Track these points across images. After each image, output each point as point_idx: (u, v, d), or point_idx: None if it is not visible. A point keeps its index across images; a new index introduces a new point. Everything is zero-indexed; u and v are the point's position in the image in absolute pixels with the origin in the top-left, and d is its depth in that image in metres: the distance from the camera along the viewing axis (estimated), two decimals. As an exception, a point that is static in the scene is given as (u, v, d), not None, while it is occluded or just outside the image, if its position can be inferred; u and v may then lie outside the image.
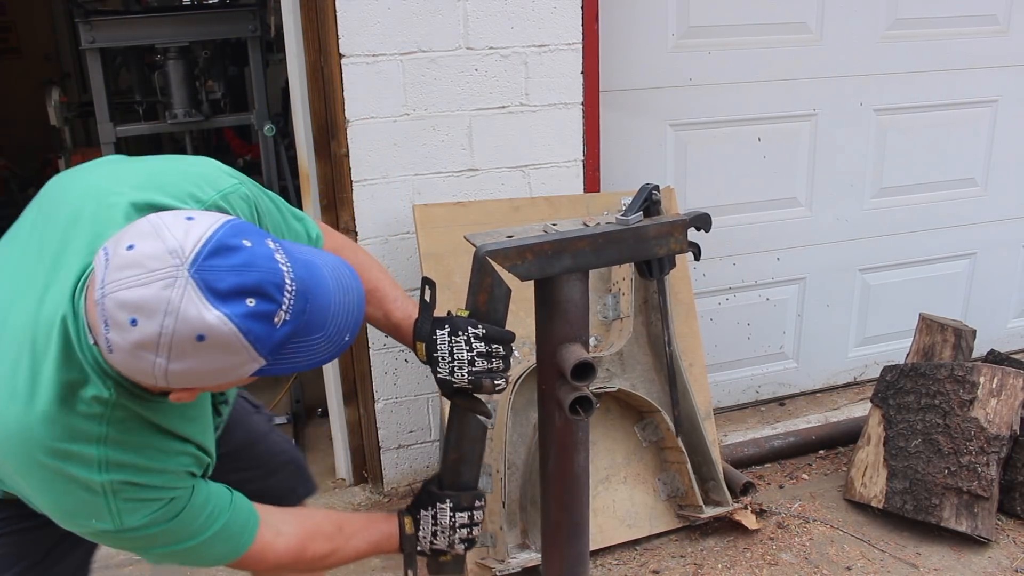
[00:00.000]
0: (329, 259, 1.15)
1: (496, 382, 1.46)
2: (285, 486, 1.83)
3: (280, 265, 1.04)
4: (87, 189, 1.22)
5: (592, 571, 2.48)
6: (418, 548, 1.56)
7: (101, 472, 1.15)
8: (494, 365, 1.46)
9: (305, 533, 1.46)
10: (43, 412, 1.12)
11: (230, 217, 1.08)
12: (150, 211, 1.13)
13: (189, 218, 1.04)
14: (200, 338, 0.99)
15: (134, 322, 0.98)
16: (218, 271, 0.99)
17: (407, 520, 1.56)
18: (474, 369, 1.45)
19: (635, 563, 2.56)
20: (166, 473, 1.22)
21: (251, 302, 1.00)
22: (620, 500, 2.60)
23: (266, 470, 1.79)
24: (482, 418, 1.56)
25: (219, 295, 0.99)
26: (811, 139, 3.14)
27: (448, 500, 1.56)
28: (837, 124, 3.14)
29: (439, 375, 1.48)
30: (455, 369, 1.46)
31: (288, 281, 1.04)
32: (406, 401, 2.81)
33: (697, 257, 1.71)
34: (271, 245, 1.06)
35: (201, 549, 1.31)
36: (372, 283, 1.56)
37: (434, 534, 1.55)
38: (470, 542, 1.59)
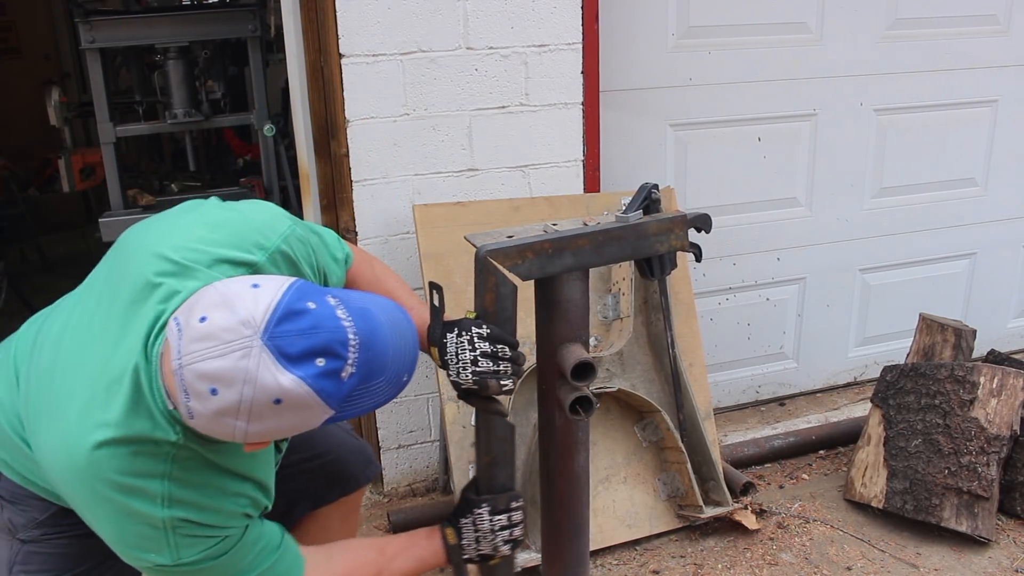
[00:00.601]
0: (382, 304, 1.22)
1: (502, 383, 1.46)
2: (350, 470, 1.86)
3: (343, 322, 1.11)
4: (157, 244, 1.28)
5: (592, 571, 2.48)
6: (464, 556, 1.59)
7: (163, 508, 1.21)
8: (501, 367, 1.46)
9: (347, 566, 1.50)
10: (111, 449, 1.19)
11: (292, 280, 1.14)
12: (219, 265, 1.23)
13: (255, 285, 1.11)
14: (277, 401, 1.06)
15: (214, 391, 1.05)
16: (288, 336, 1.06)
17: (449, 531, 1.59)
18: (478, 369, 1.46)
19: (635, 563, 2.55)
20: (223, 512, 1.28)
21: (321, 362, 1.07)
22: (620, 500, 2.60)
23: (330, 456, 1.81)
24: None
25: (291, 359, 1.06)
26: (811, 139, 3.14)
27: (485, 505, 1.58)
28: (837, 124, 3.14)
29: (450, 377, 1.50)
30: (460, 370, 1.46)
31: (352, 336, 1.11)
32: (406, 401, 2.81)
33: (698, 259, 1.71)
34: (332, 302, 1.12)
35: None
36: (390, 292, 1.62)
37: (477, 540, 1.58)
38: (514, 542, 1.62)
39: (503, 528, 1.59)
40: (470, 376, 1.46)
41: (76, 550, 1.46)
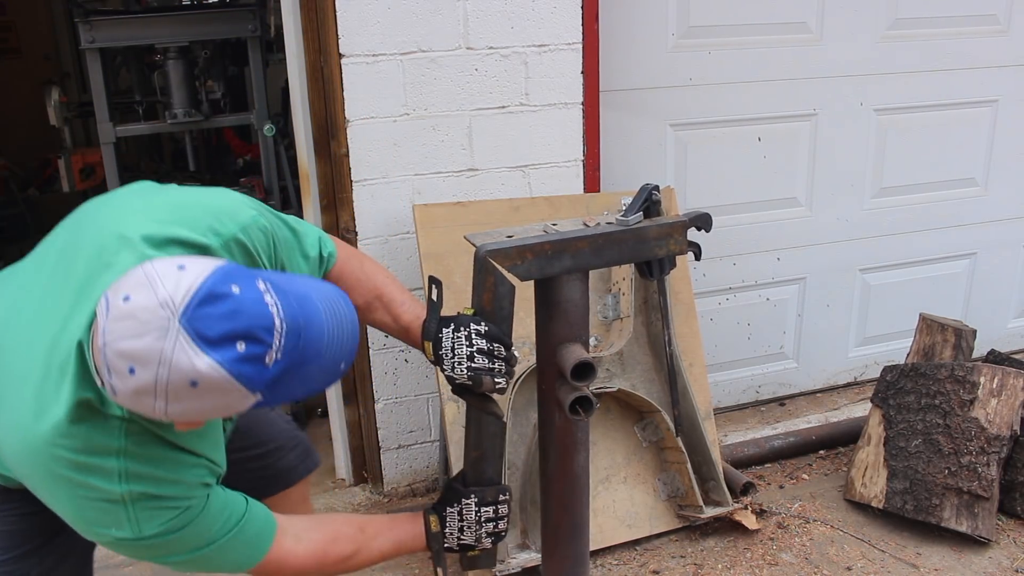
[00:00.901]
0: (324, 289, 1.19)
1: (496, 380, 1.47)
2: (287, 463, 1.85)
3: (269, 307, 1.08)
4: (113, 221, 1.27)
5: (592, 571, 2.48)
6: (445, 544, 1.59)
7: (121, 483, 1.21)
8: (496, 365, 1.47)
9: (325, 537, 1.49)
10: (64, 428, 1.19)
11: (219, 263, 1.12)
12: (170, 246, 1.22)
13: (180, 267, 1.09)
14: (193, 384, 1.05)
15: (132, 371, 1.05)
16: (208, 319, 1.05)
17: (432, 518, 1.59)
18: (473, 365, 1.46)
19: (635, 563, 2.55)
20: (181, 483, 1.28)
21: (241, 346, 1.05)
22: (620, 500, 2.60)
23: (267, 448, 1.81)
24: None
25: (209, 342, 1.04)
26: (811, 139, 3.14)
27: (473, 495, 1.59)
28: (837, 124, 3.14)
29: (444, 372, 1.51)
30: (455, 365, 1.47)
31: (278, 322, 1.08)
32: (406, 401, 2.81)
33: (698, 257, 1.71)
34: (261, 287, 1.10)
35: (218, 555, 1.35)
36: (379, 289, 1.60)
37: (461, 530, 1.59)
38: (497, 535, 1.63)
39: (488, 520, 1.60)
40: (465, 372, 1.47)
41: (24, 526, 1.45)
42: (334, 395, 2.84)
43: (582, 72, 2.68)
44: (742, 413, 3.34)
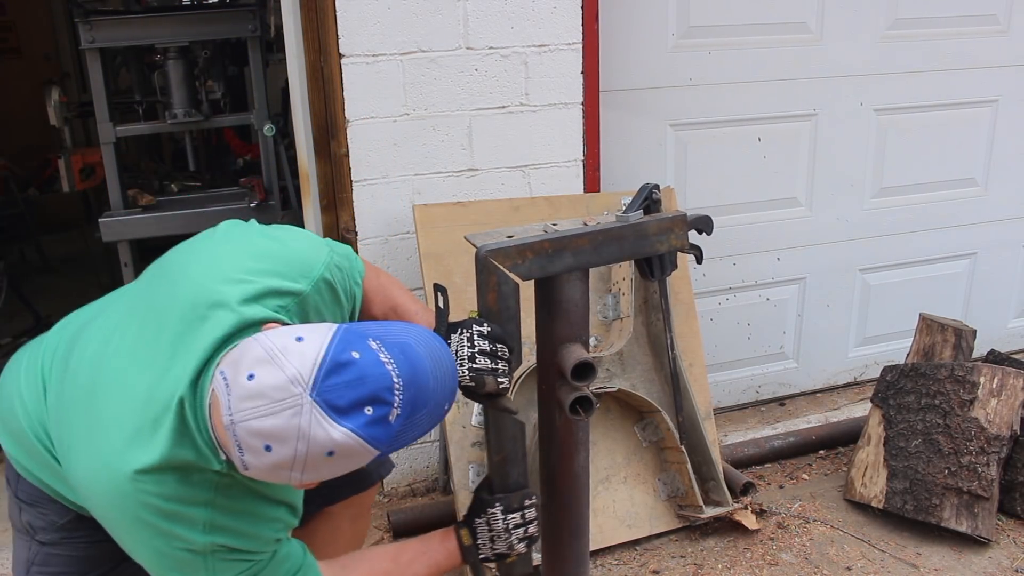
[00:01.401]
0: (420, 335, 1.24)
1: (499, 380, 1.47)
2: (363, 469, 1.86)
3: (387, 367, 1.13)
4: (203, 273, 1.31)
5: (592, 571, 2.48)
6: (480, 556, 1.61)
7: (204, 534, 1.24)
8: (499, 366, 1.47)
9: (363, 574, 1.52)
10: (156, 476, 1.21)
11: (334, 329, 1.15)
12: (265, 298, 1.26)
13: (299, 338, 1.12)
14: (330, 454, 1.09)
15: (268, 448, 1.08)
16: (337, 389, 1.09)
17: (463, 532, 1.61)
18: (474, 366, 1.46)
19: (635, 563, 2.55)
20: (261, 538, 1.31)
21: (369, 410, 1.10)
22: (620, 500, 2.60)
23: None
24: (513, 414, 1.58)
25: (341, 412, 1.08)
26: (811, 139, 3.14)
27: (498, 504, 1.60)
28: (837, 124, 3.14)
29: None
30: (458, 367, 1.47)
31: (396, 380, 1.13)
32: (406, 401, 2.80)
33: (699, 261, 1.71)
34: (374, 346, 1.14)
35: None
36: (394, 300, 1.64)
37: (492, 540, 1.60)
38: (530, 540, 1.63)
39: (517, 526, 1.60)
40: (467, 373, 1.47)
41: (94, 553, 1.48)
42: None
43: (582, 72, 2.68)
44: (742, 413, 3.34)
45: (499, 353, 1.47)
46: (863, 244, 3.33)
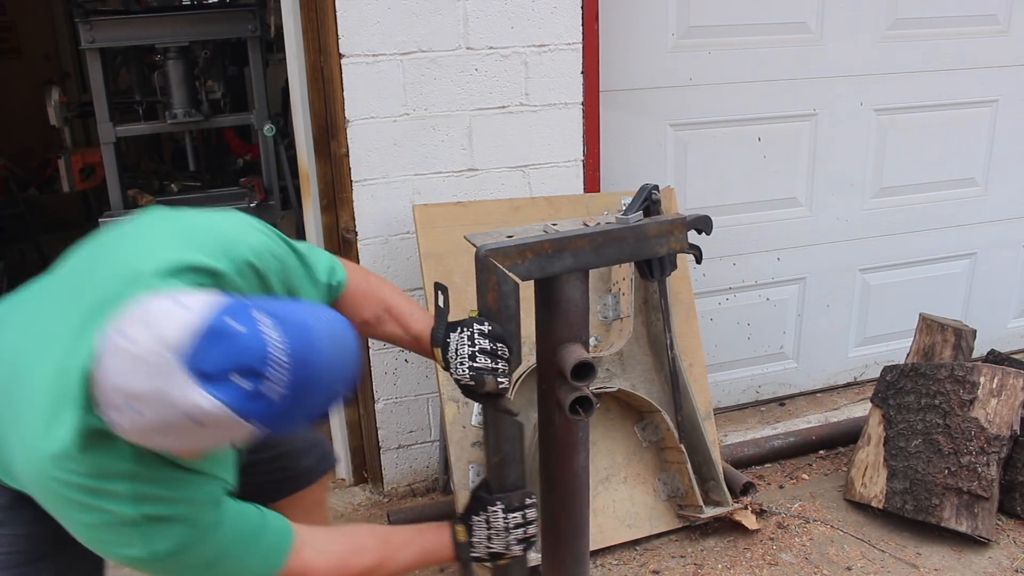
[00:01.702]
0: (326, 316, 1.19)
1: (499, 380, 1.46)
2: (304, 465, 1.84)
3: (269, 341, 1.07)
4: (127, 250, 1.29)
5: (592, 571, 2.48)
6: (474, 554, 1.58)
7: (132, 505, 1.21)
8: (499, 365, 1.46)
9: (347, 549, 1.48)
10: (72, 454, 1.19)
11: (221, 300, 1.11)
12: (183, 273, 1.23)
13: (180, 304, 1.08)
14: (199, 422, 1.05)
15: (134, 409, 1.05)
16: (208, 357, 1.04)
17: (459, 529, 1.58)
18: (475, 365, 1.46)
19: (635, 563, 2.55)
20: (192, 502, 1.28)
21: (242, 382, 1.05)
22: (620, 500, 2.60)
23: (283, 449, 1.80)
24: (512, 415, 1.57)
25: (210, 379, 1.04)
26: (811, 139, 3.14)
27: (499, 503, 1.58)
28: (837, 124, 3.14)
29: (452, 375, 1.50)
30: (458, 365, 1.47)
31: (281, 357, 1.07)
32: (406, 401, 2.81)
33: (699, 261, 1.71)
34: (261, 320, 1.09)
35: (236, 567, 1.35)
36: (387, 302, 1.61)
37: (489, 538, 1.57)
38: (527, 541, 1.61)
39: (517, 526, 1.58)
40: (467, 372, 1.47)
41: (38, 530, 1.44)
42: (334, 395, 2.84)
43: (582, 72, 2.68)
44: (742, 413, 3.34)
45: (499, 352, 1.47)
46: (863, 244, 3.33)
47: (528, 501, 1.60)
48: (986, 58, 3.25)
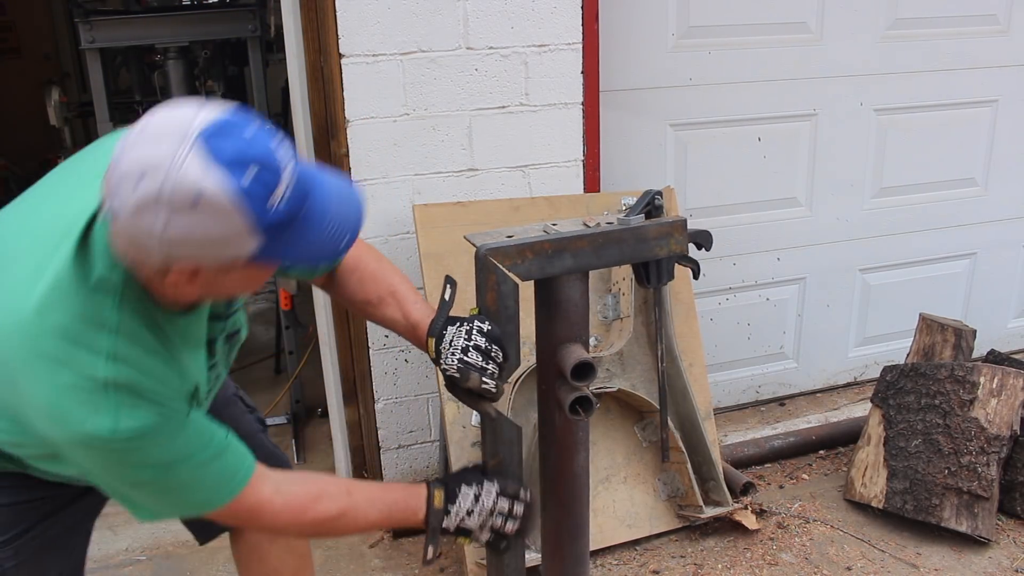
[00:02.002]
0: (331, 172, 1.23)
1: (484, 380, 1.45)
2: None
3: (282, 153, 1.11)
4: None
5: (592, 571, 2.48)
6: (443, 524, 1.48)
7: (108, 363, 1.16)
8: (489, 366, 1.45)
9: (308, 493, 1.39)
10: (56, 296, 1.15)
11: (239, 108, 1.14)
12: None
13: (204, 105, 1.11)
14: (197, 199, 1.04)
15: (138, 181, 1.04)
16: (224, 141, 1.06)
17: (437, 493, 1.48)
18: (465, 359, 1.44)
19: (635, 563, 2.56)
20: (168, 384, 1.23)
21: (250, 174, 1.06)
22: (620, 500, 2.60)
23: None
24: (497, 416, 1.55)
25: (221, 162, 1.05)
26: (811, 139, 3.14)
27: (496, 483, 1.51)
28: (837, 124, 3.14)
29: (441, 366, 1.48)
30: (449, 355, 1.46)
31: (288, 167, 1.10)
32: (406, 401, 2.81)
33: (696, 276, 1.70)
34: (276, 138, 1.12)
35: (190, 478, 1.26)
36: (393, 286, 1.60)
37: (469, 512, 1.48)
38: (499, 536, 1.52)
39: (501, 514, 1.50)
40: (455, 363, 1.45)
41: (10, 515, 1.41)
42: (334, 395, 2.85)
43: (582, 72, 2.68)
44: (742, 413, 3.34)
45: (493, 354, 1.46)
46: (863, 244, 3.33)
47: (522, 494, 1.53)
48: (986, 58, 3.25)
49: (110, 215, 1.08)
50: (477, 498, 1.50)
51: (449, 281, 1.51)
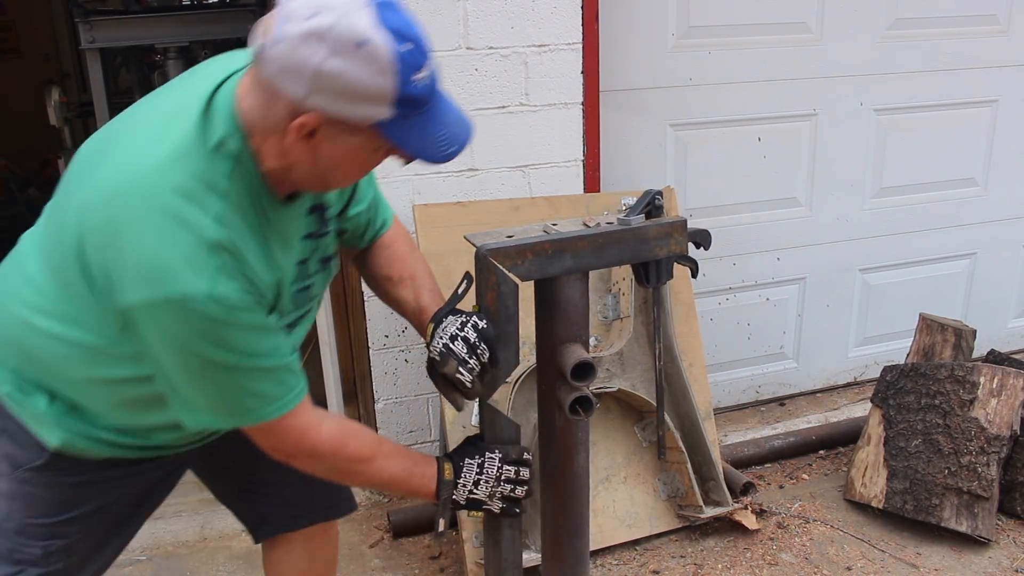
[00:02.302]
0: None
1: (460, 371, 1.45)
2: (319, 497, 1.79)
3: (430, 46, 1.20)
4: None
5: (592, 571, 2.48)
6: (453, 496, 1.51)
7: (216, 225, 1.19)
8: (470, 360, 1.45)
9: (347, 431, 1.43)
10: (180, 154, 1.20)
11: None
12: None
13: None
14: (361, 44, 1.12)
15: (312, 15, 1.11)
16: (393, 13, 1.15)
17: (446, 465, 1.51)
18: (450, 345, 1.45)
19: (635, 563, 2.56)
20: (258, 267, 1.26)
21: (407, 47, 1.15)
22: (620, 500, 2.60)
23: (295, 475, 1.61)
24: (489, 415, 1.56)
25: (387, 26, 1.14)
26: (811, 139, 3.14)
27: (497, 451, 1.53)
28: (837, 124, 3.15)
29: (428, 348, 1.50)
30: (437, 339, 1.47)
31: (431, 58, 1.20)
32: (406, 401, 2.81)
33: (695, 275, 1.71)
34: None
35: (253, 380, 1.28)
36: (414, 271, 1.65)
37: (476, 483, 1.51)
38: (511, 501, 1.54)
39: (508, 480, 1.52)
40: (439, 346, 1.46)
41: (65, 496, 1.45)
42: (334, 395, 2.85)
43: (582, 72, 2.68)
44: (742, 413, 3.34)
45: (479, 350, 1.45)
46: (863, 244, 3.33)
47: (526, 456, 1.55)
48: (986, 58, 3.25)
49: (273, 37, 1.13)
50: (481, 467, 1.52)
51: (467, 277, 1.52)
